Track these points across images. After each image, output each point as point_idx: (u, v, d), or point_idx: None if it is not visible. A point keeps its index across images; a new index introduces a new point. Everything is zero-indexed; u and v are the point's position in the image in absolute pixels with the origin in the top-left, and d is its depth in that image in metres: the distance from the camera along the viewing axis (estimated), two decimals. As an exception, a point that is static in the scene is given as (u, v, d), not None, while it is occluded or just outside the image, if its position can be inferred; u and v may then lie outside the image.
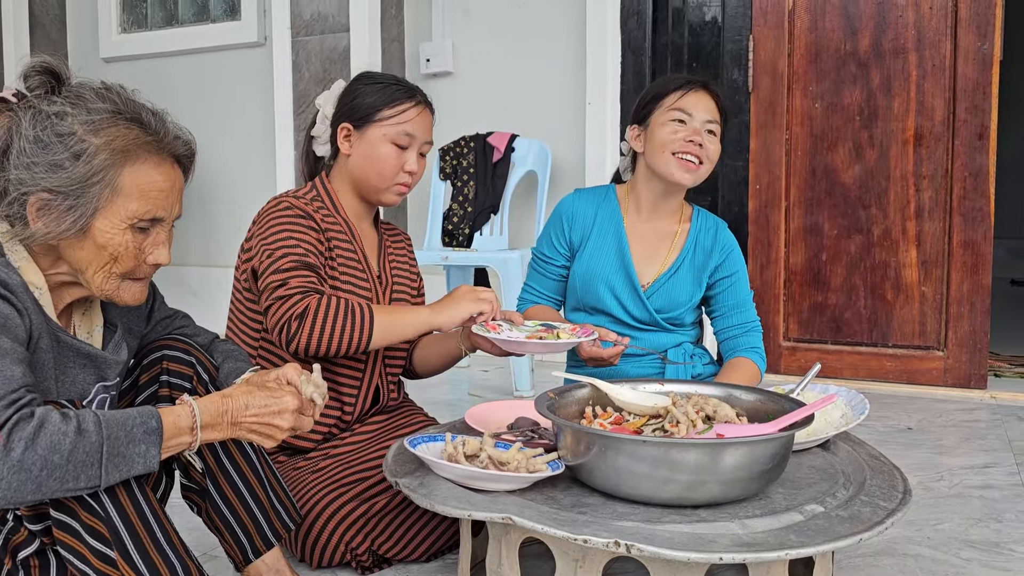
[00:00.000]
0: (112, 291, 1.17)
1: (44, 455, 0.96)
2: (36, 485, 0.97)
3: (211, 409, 1.12)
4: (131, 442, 1.03)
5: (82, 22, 4.54)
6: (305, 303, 1.51)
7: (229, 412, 1.13)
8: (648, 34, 3.42)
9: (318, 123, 1.79)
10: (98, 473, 1.01)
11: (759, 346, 1.97)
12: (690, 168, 1.88)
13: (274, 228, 1.62)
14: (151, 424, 1.05)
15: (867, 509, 1.23)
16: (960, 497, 1.97)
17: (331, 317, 1.51)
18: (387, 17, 3.77)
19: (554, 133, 3.52)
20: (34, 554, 1.08)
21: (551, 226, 2.03)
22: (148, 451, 1.04)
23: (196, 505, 1.36)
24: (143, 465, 1.05)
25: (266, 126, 4.03)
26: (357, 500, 1.56)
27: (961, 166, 2.99)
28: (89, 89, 1.13)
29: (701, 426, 1.36)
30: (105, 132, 1.10)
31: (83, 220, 1.11)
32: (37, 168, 1.09)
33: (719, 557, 1.08)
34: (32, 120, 1.10)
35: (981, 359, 3.01)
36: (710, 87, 1.93)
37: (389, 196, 1.73)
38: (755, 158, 3.24)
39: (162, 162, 1.16)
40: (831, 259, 3.19)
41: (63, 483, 0.99)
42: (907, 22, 3.03)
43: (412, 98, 1.71)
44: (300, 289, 1.54)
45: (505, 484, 1.29)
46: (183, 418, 1.10)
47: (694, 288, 1.98)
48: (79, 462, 0.99)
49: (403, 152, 1.70)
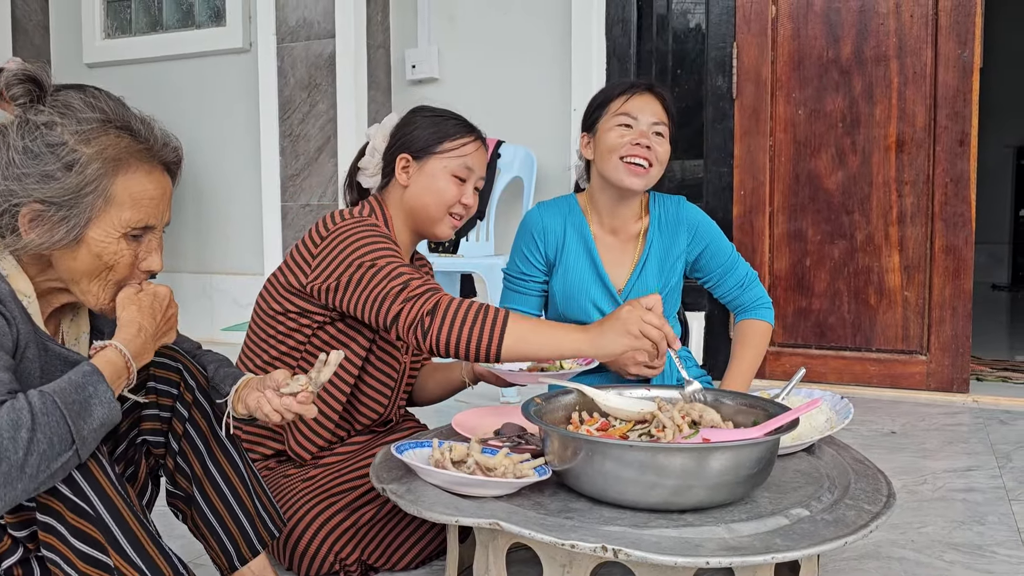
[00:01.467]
0: (107, 302, 1.17)
1: (11, 435, 0.96)
2: (20, 469, 0.96)
3: (133, 342, 1.14)
4: (78, 388, 1.04)
5: (65, 27, 4.51)
6: (436, 299, 1.46)
7: (143, 330, 1.15)
8: (633, 41, 3.44)
9: (367, 155, 1.78)
10: (66, 427, 1.00)
11: (762, 295, 2.00)
12: (639, 172, 1.88)
13: (366, 240, 1.58)
14: (85, 368, 1.06)
15: (852, 513, 1.24)
16: (943, 500, 1.99)
17: (462, 314, 1.44)
18: (372, 23, 3.77)
19: (540, 139, 3.53)
20: (17, 563, 1.07)
21: (522, 243, 2.01)
22: (98, 389, 1.05)
23: (181, 512, 1.35)
24: (102, 404, 1.05)
25: (251, 132, 4.02)
26: (347, 511, 1.56)
27: (942, 172, 3.02)
28: (77, 97, 1.12)
29: (687, 431, 1.37)
30: (96, 141, 1.10)
31: (76, 230, 1.10)
32: (28, 179, 1.08)
33: (706, 561, 1.09)
34: (20, 130, 1.09)
35: (963, 363, 3.04)
36: (655, 89, 1.93)
37: (443, 228, 1.73)
38: (739, 164, 3.26)
39: (153, 170, 1.16)
40: (815, 264, 3.22)
41: (43, 457, 0.98)
42: (888, 30, 3.06)
43: (471, 132, 1.74)
44: (426, 287, 1.49)
45: (492, 490, 1.29)
46: (111, 352, 1.11)
47: (667, 274, 1.98)
48: (45, 426, 0.98)
49: (462, 184, 1.71)
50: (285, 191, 3.93)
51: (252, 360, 1.70)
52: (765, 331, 1.98)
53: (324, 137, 3.81)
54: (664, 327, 1.40)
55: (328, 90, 3.75)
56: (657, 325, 1.39)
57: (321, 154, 3.84)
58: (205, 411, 1.29)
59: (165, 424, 1.27)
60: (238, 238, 4.14)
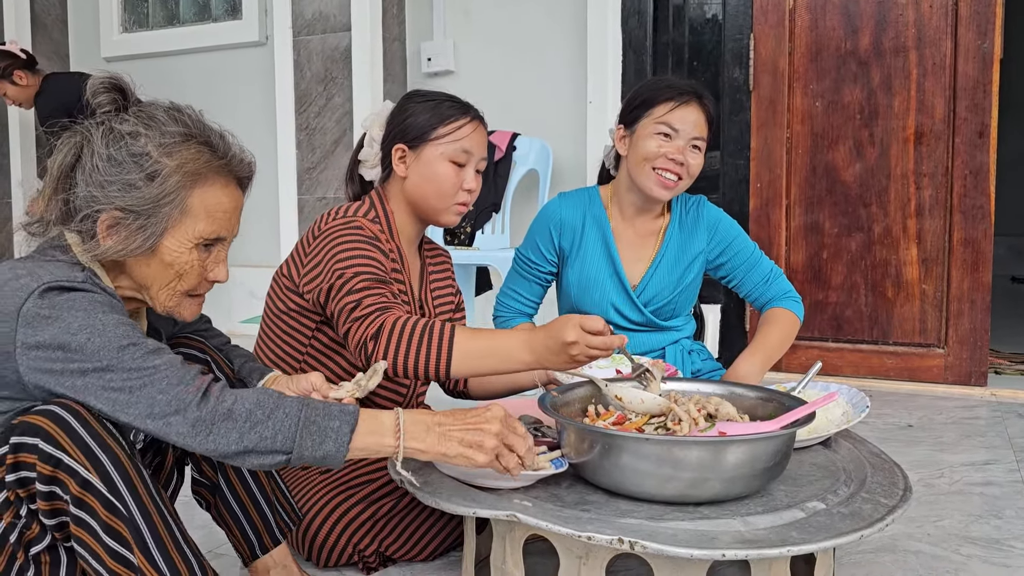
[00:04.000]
0: (174, 307, 1.19)
1: (251, 408, 1.06)
2: (239, 435, 1.05)
3: (416, 419, 1.14)
4: (328, 416, 1.09)
5: (84, 22, 4.55)
6: (380, 322, 1.41)
7: (437, 423, 1.15)
8: (649, 33, 3.43)
9: (365, 147, 1.73)
10: (293, 436, 1.06)
11: (788, 289, 1.97)
12: (668, 185, 1.88)
13: (344, 247, 1.55)
14: (347, 409, 1.11)
15: (868, 506, 1.24)
16: (960, 494, 1.99)
17: (406, 337, 1.38)
18: (388, 16, 3.77)
19: (555, 132, 3.53)
20: (45, 549, 1.09)
21: (537, 232, 2.01)
22: (341, 428, 1.08)
23: (205, 500, 1.38)
24: (334, 442, 1.08)
25: (268, 125, 4.04)
26: (365, 502, 1.57)
27: (961, 164, 2.99)
28: (161, 110, 1.15)
29: (703, 424, 1.37)
30: (178, 154, 1.12)
31: (152, 239, 1.13)
32: (111, 187, 1.10)
33: (722, 554, 1.09)
34: (105, 138, 1.11)
35: (982, 356, 3.02)
36: (702, 100, 1.89)
37: (449, 216, 1.67)
38: (756, 156, 3.25)
39: (228, 184, 1.18)
40: (832, 257, 3.20)
41: (262, 439, 1.05)
42: (907, 21, 3.04)
43: (466, 114, 1.66)
44: (375, 307, 1.45)
45: (509, 482, 1.30)
46: (383, 415, 1.13)
47: (683, 272, 1.98)
48: (278, 421, 1.06)
49: (461, 170, 1.65)
50: (301, 184, 3.95)
51: (265, 355, 1.72)
52: (793, 319, 1.92)
53: (340, 130, 3.82)
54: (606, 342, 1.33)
55: (344, 83, 3.76)
56: (598, 345, 1.33)
57: (337, 147, 3.85)
58: (233, 403, 1.31)
59: (194, 415, 1.29)
60: (255, 231, 4.15)
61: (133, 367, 1.05)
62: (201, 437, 1.05)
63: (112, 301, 1.10)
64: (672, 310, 1.99)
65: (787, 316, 1.92)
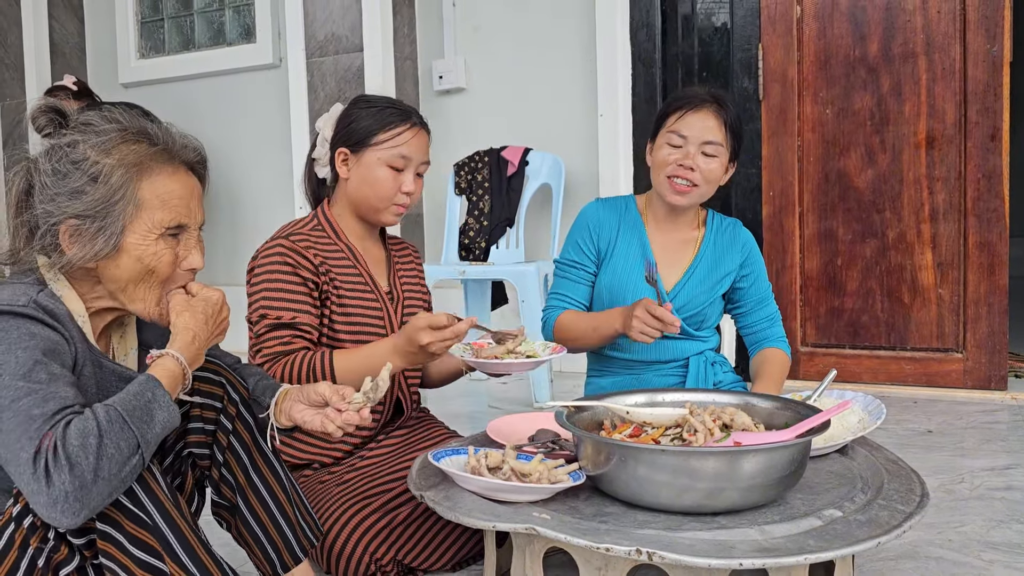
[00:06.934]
0: (155, 306, 1.21)
1: (80, 443, 1.01)
2: (93, 474, 1.00)
3: (188, 348, 1.18)
4: (138, 396, 1.09)
5: (101, 49, 4.62)
6: (271, 372, 1.59)
7: (197, 338, 1.20)
8: (658, 45, 3.45)
9: (318, 146, 1.83)
10: (131, 432, 1.05)
11: (783, 335, 2.06)
12: (682, 191, 1.92)
13: (259, 280, 1.68)
14: (142, 378, 1.11)
15: (885, 513, 1.25)
16: (981, 499, 1.98)
17: (295, 377, 1.59)
18: (399, 36, 3.82)
19: (567, 146, 3.55)
20: (75, 571, 1.12)
21: (577, 233, 2.05)
22: (156, 395, 1.10)
23: (226, 521, 1.39)
24: (163, 409, 1.09)
25: (283, 146, 4.08)
26: (381, 511, 1.59)
27: (974, 168, 2.99)
28: (94, 115, 1.19)
29: (719, 434, 1.38)
30: (116, 151, 1.16)
31: (114, 238, 1.16)
32: (60, 198, 1.15)
33: (739, 563, 1.10)
34: (47, 155, 1.17)
35: (1000, 360, 3.01)
36: (715, 103, 1.92)
37: (387, 217, 1.77)
38: (768, 165, 3.26)
39: (176, 170, 1.21)
40: (846, 263, 3.20)
41: (112, 460, 1.03)
42: (915, 26, 3.05)
43: (406, 121, 1.74)
44: (268, 357, 1.62)
45: (528, 495, 1.32)
46: (168, 361, 1.16)
47: (714, 285, 2.01)
48: (111, 433, 1.03)
49: (399, 174, 1.73)
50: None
51: None
52: (787, 361, 2.02)
53: (354, 149, 3.86)
54: (455, 331, 1.53)
55: (357, 103, 3.80)
56: (448, 336, 1.52)
57: (352, 166, 3.89)
58: (248, 423, 1.33)
59: (210, 437, 1.31)
60: (272, 250, 4.20)
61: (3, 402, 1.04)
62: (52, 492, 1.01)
63: (45, 332, 1.10)
64: (701, 320, 2.01)
65: (785, 358, 2.03)
